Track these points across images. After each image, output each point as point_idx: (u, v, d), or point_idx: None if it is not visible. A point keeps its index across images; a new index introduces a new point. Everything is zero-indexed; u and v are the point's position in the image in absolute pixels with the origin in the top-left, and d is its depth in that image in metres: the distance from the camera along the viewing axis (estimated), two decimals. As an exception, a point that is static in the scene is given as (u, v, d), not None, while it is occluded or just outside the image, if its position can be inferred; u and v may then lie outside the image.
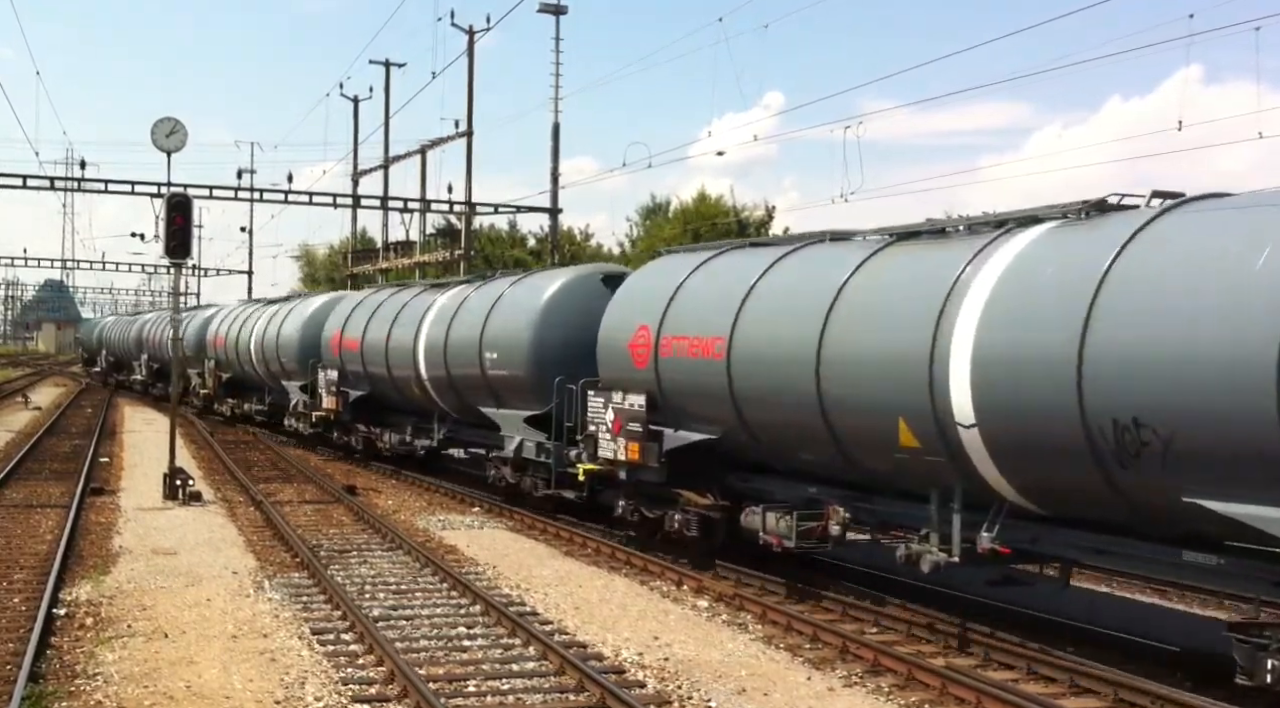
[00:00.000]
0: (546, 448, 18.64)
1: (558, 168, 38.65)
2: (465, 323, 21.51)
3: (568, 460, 17.92)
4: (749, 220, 54.54)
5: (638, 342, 15.83)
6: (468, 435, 23.43)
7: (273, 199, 40.69)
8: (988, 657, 11.40)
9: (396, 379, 24.70)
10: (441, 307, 23.13)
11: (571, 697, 10.03)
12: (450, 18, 39.22)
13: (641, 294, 16.47)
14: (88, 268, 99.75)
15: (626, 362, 16.09)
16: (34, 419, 39.44)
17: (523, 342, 19.15)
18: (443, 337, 22.14)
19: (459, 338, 21.58)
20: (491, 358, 20.08)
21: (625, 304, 16.79)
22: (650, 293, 16.14)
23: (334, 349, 27.99)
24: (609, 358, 16.66)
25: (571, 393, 17.72)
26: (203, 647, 11.37)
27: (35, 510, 19.80)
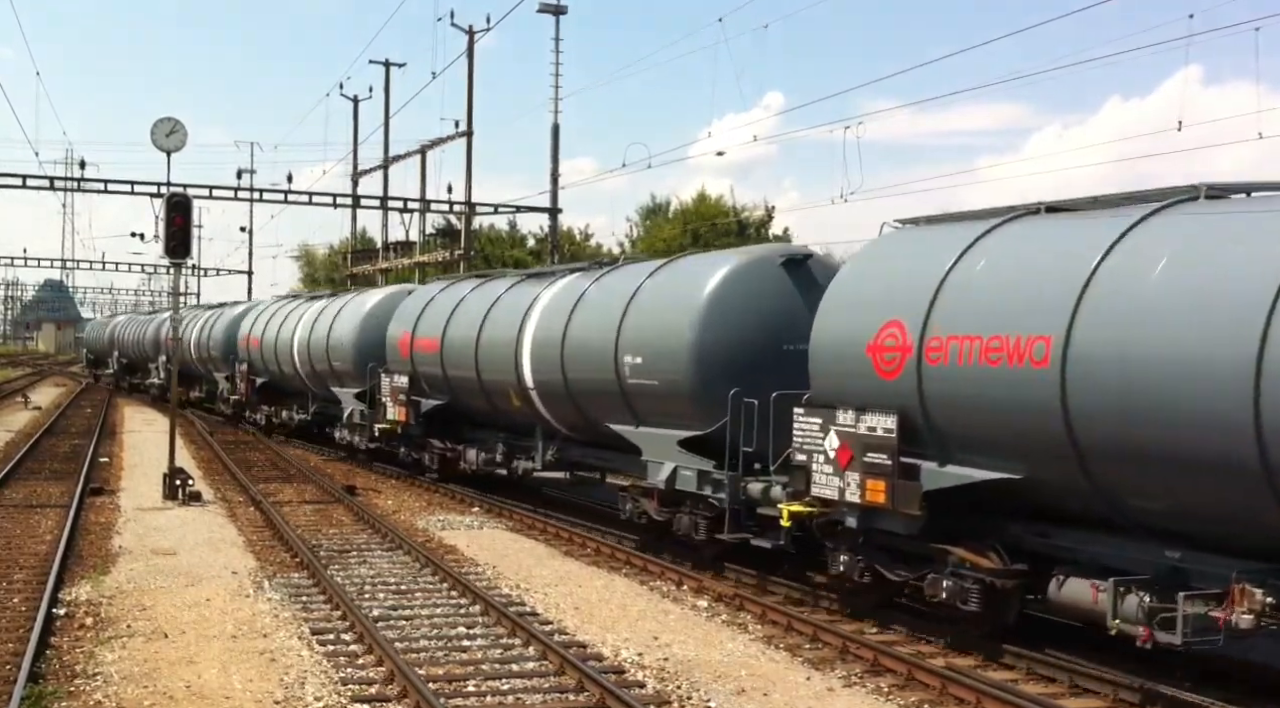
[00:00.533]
0: (715, 480, 14.57)
1: (558, 168, 38.71)
2: (590, 320, 17.31)
3: (748, 496, 14.16)
4: (749, 220, 54.58)
5: (883, 343, 11.70)
6: (581, 456, 19.18)
7: (272, 199, 40.78)
8: (987, 657, 11.40)
9: (488, 387, 20.69)
10: (552, 300, 18.98)
11: (571, 697, 10.03)
12: (450, 18, 39.30)
13: (880, 281, 12.41)
14: (87, 268, 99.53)
15: (864, 369, 11.91)
16: (34, 419, 39.43)
17: (681, 345, 14.97)
18: (557, 337, 17.89)
19: (582, 339, 17.34)
20: (633, 363, 15.87)
21: (854, 294, 12.60)
22: (897, 278, 12.13)
23: (402, 351, 23.95)
24: (831, 365, 12.54)
25: (749, 410, 14.00)
26: (202, 647, 11.38)
27: (35, 510, 19.80)
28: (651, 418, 16.01)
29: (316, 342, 28.75)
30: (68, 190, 50.46)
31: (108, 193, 37.88)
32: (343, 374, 27.13)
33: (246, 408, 32.30)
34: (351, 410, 26.21)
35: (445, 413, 23.07)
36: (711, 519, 14.82)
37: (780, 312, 14.73)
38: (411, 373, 23.54)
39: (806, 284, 14.94)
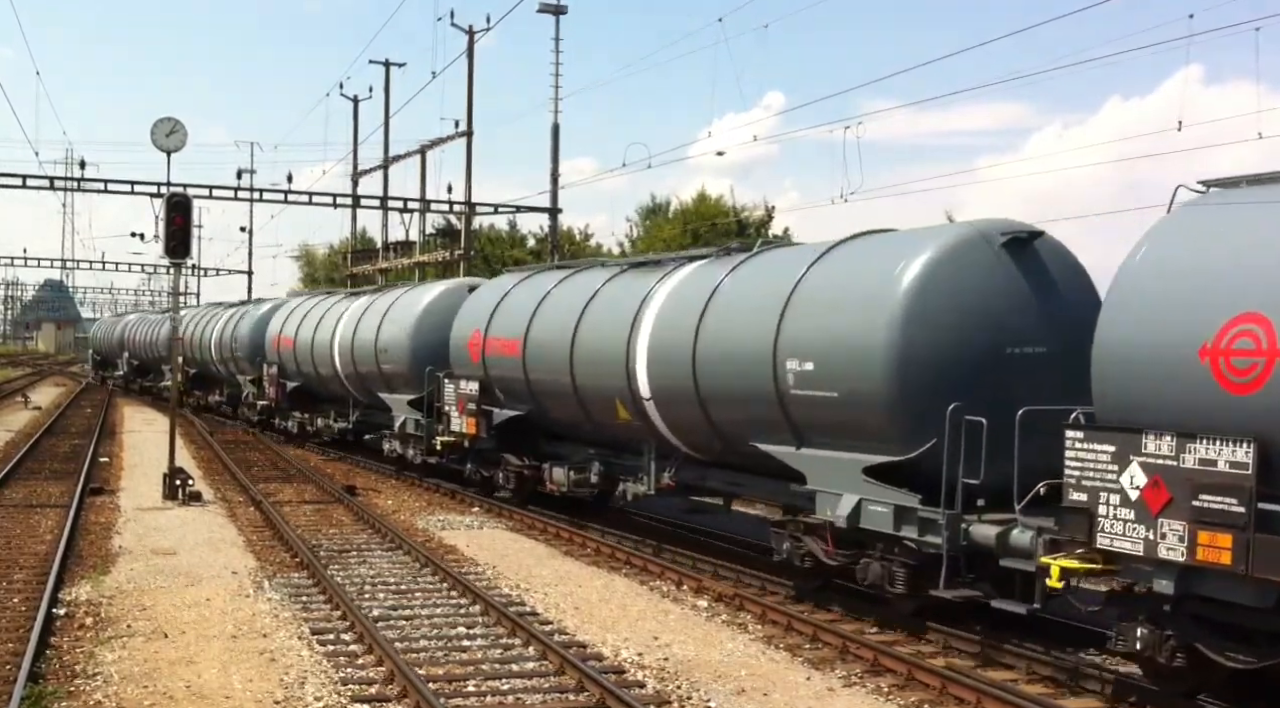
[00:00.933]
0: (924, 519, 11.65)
1: (557, 168, 38.68)
2: (734, 317, 14.36)
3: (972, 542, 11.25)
4: (749, 221, 54.57)
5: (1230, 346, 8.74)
6: (700, 478, 16.32)
7: (272, 199, 40.74)
8: (988, 657, 11.40)
9: (586, 395, 17.35)
10: (675, 293, 15.91)
11: (571, 697, 10.03)
12: (450, 18, 39.24)
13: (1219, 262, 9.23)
14: (87, 268, 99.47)
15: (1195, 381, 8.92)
16: (34, 419, 39.44)
17: (873, 347, 11.97)
18: (687, 337, 14.84)
19: (724, 337, 14.33)
20: (799, 371, 12.86)
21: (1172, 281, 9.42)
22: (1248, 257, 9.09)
23: (472, 354, 20.64)
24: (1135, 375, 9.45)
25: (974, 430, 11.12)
26: (202, 647, 11.38)
27: (35, 510, 19.80)
28: (821, 438, 13.06)
29: (362, 343, 26.09)
30: (68, 190, 50.43)
31: (108, 193, 37.86)
32: (393, 379, 24.62)
33: (276, 414, 31.02)
34: (404, 420, 23.88)
35: (523, 425, 19.86)
36: (913, 568, 11.97)
37: (1002, 306, 11.98)
38: (483, 379, 20.19)
39: (1034, 270, 12.22)
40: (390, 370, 24.78)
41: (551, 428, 19.75)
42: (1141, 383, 9.32)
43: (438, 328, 23.10)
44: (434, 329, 23.33)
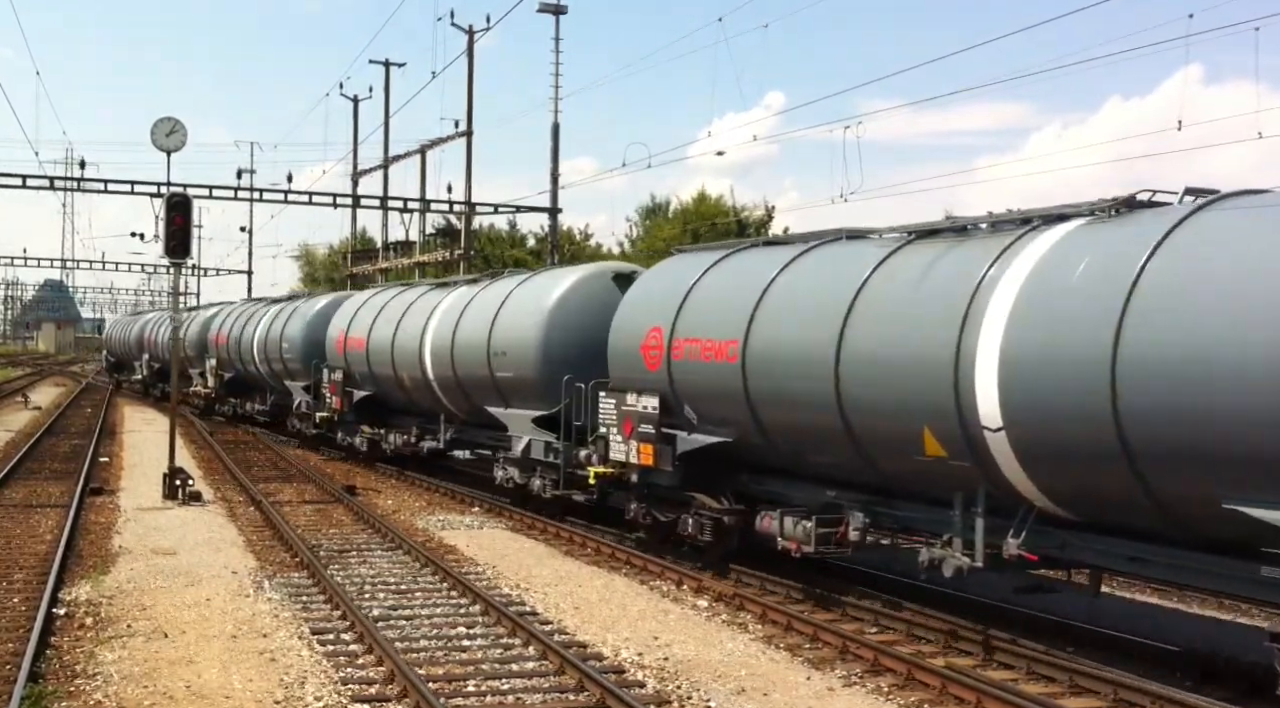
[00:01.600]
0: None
1: (557, 168, 38.67)
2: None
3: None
4: (749, 220, 54.55)
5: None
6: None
7: (272, 199, 40.73)
8: (988, 657, 11.40)
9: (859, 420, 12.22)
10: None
11: (571, 697, 10.03)
12: (450, 18, 39.25)
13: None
14: (87, 268, 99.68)
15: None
16: (34, 419, 39.43)
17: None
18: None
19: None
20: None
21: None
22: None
23: (646, 359, 15.83)
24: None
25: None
26: (202, 647, 11.38)
27: (35, 510, 19.80)
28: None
29: (469, 344, 20.88)
30: (68, 190, 50.36)
31: (108, 193, 37.85)
32: (510, 389, 19.68)
33: (338, 428, 27.90)
34: (528, 444, 19.00)
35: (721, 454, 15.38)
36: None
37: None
38: (666, 391, 16.02)
39: None
40: (509, 379, 19.77)
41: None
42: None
43: (576, 326, 18.81)
44: (572, 327, 18.84)
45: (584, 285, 18.94)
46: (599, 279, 19.06)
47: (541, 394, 18.53)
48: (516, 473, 19.73)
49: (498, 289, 21.19)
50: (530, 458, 18.94)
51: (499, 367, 19.63)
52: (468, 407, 21.76)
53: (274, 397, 35.02)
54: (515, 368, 19.15)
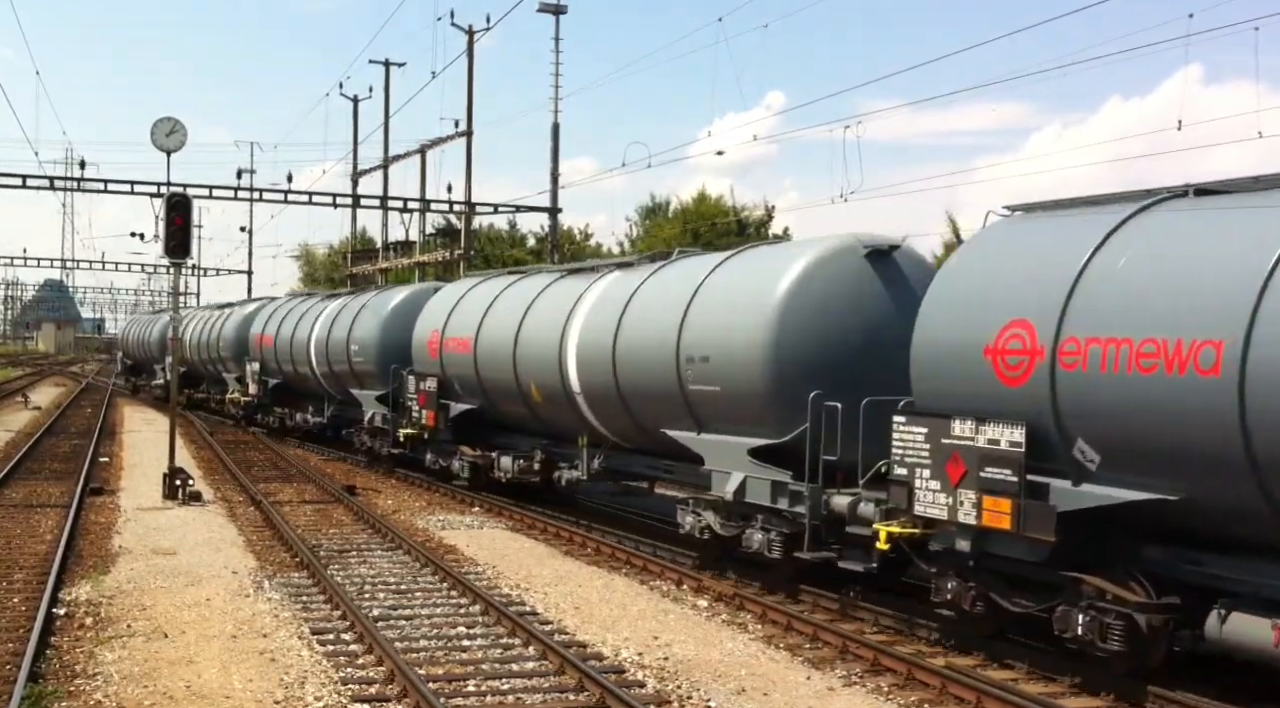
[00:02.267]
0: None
1: (557, 168, 38.70)
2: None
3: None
4: (748, 220, 54.58)
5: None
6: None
7: (272, 199, 40.79)
8: (988, 656, 11.40)
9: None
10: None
11: (571, 697, 10.03)
12: (450, 18, 39.28)
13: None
14: (87, 268, 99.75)
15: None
16: (34, 419, 39.43)
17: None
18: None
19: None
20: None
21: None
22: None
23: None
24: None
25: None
26: (202, 647, 11.38)
27: (35, 510, 19.80)
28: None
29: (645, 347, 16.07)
30: (68, 190, 50.38)
31: (108, 193, 37.92)
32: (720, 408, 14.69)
33: (429, 447, 23.33)
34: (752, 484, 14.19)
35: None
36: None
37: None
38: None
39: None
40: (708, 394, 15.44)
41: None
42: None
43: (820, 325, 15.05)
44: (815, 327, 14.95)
45: (825, 266, 14.03)
46: (847, 257, 14.08)
47: (765, 417, 13.98)
48: (717, 521, 14.81)
49: (678, 274, 16.47)
50: (746, 503, 14.23)
51: (695, 378, 14.88)
52: (630, 428, 17.11)
53: (333, 407, 29.83)
54: (725, 380, 14.41)
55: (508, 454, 20.81)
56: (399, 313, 25.46)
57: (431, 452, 23.48)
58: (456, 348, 21.80)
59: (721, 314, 14.59)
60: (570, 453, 18.97)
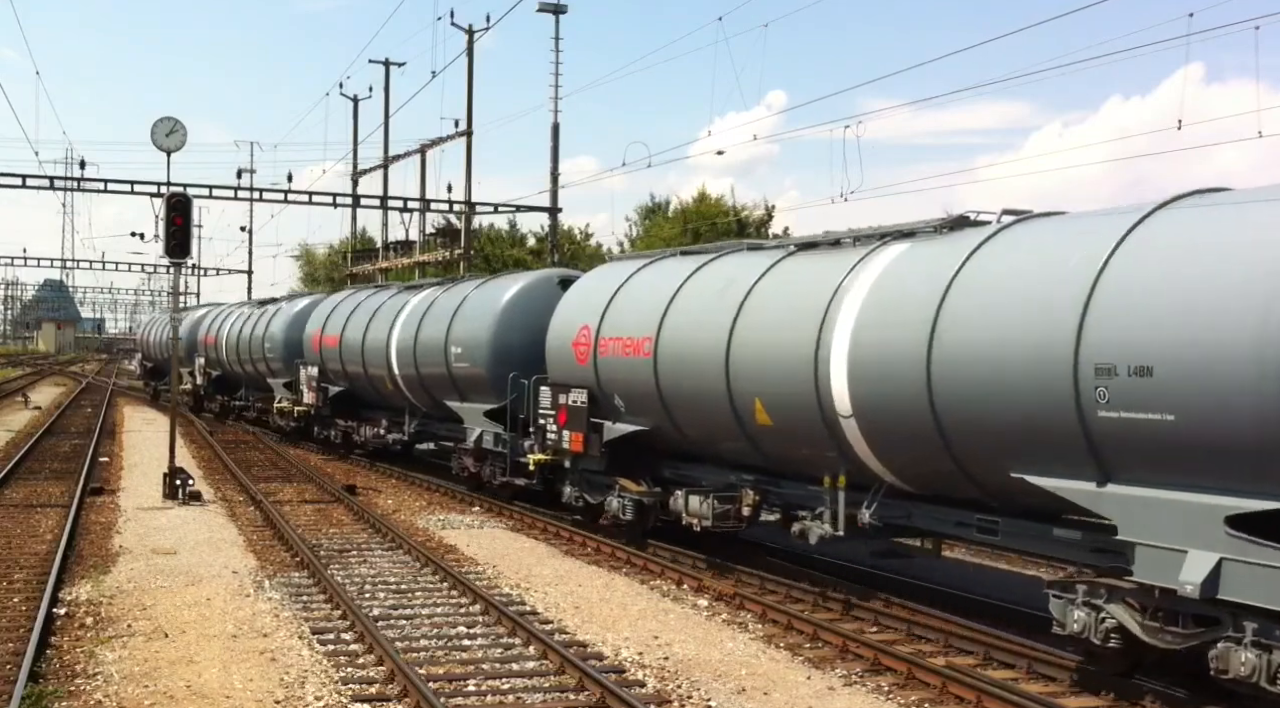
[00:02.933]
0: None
1: (557, 167, 38.68)
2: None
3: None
4: (749, 220, 54.54)
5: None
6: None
7: (272, 199, 40.77)
8: (988, 656, 11.40)
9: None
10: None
11: (571, 696, 10.03)
12: (450, 17, 39.35)
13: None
14: (87, 268, 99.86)
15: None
16: (34, 419, 39.43)
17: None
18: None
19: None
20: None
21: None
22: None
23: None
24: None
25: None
26: (203, 646, 11.38)
27: (35, 510, 19.80)
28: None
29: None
30: (68, 190, 50.35)
31: (108, 193, 37.90)
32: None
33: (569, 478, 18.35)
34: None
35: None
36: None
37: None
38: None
39: None
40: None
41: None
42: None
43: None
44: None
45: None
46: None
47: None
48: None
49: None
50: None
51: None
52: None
53: (416, 421, 26.22)
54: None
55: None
56: (518, 306, 20.73)
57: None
58: (622, 351, 16.66)
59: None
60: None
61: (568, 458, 17.82)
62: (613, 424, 16.73)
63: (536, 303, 20.05)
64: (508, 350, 20.28)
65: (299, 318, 32.43)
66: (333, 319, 28.65)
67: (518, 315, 20.43)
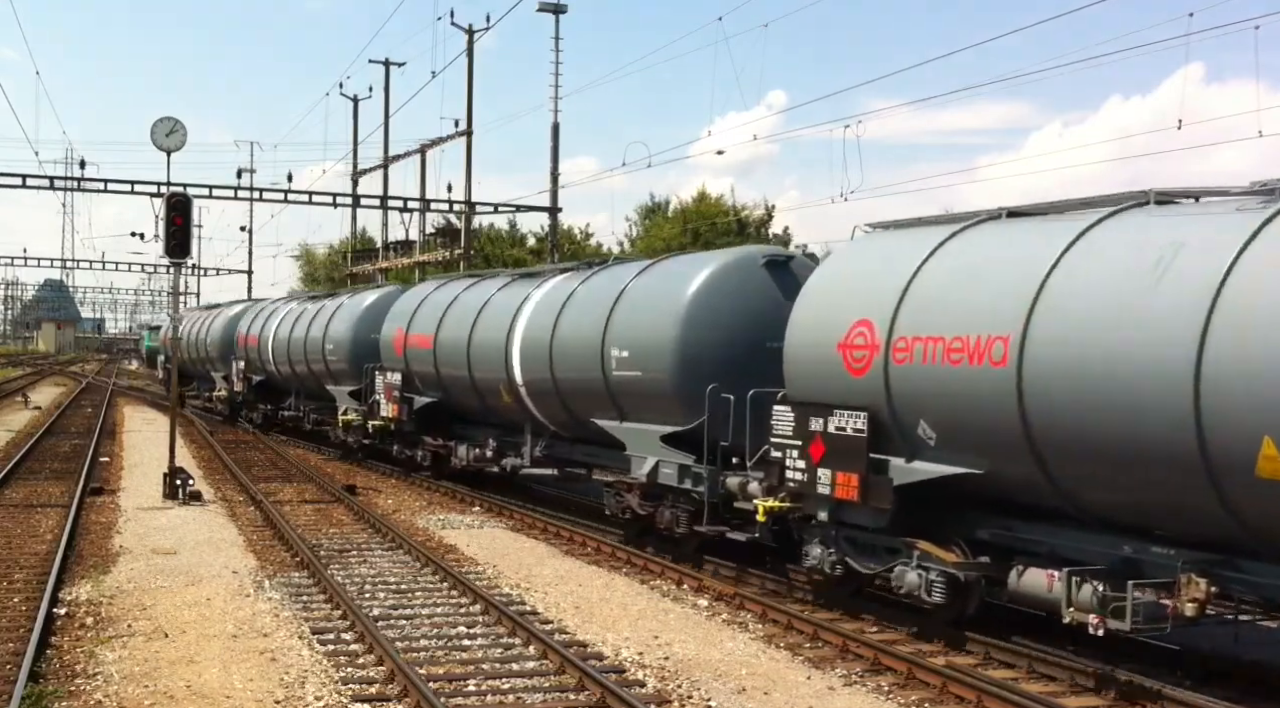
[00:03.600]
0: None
1: (557, 167, 38.70)
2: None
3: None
4: (749, 220, 54.58)
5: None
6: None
7: (272, 199, 40.82)
8: (988, 656, 11.40)
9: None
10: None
11: (571, 696, 10.02)
12: (450, 17, 39.43)
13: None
14: (87, 268, 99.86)
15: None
16: (34, 419, 39.42)
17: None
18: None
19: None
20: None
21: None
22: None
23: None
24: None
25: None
26: (203, 646, 11.37)
27: (35, 510, 19.80)
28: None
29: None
30: (68, 190, 50.34)
31: (108, 193, 37.93)
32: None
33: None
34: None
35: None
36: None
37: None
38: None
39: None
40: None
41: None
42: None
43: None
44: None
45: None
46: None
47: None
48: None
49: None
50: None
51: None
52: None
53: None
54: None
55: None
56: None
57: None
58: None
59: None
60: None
61: (824, 507, 12.70)
62: (908, 463, 11.76)
63: (736, 291, 15.25)
64: (699, 356, 14.95)
65: (371, 314, 27.23)
66: (422, 315, 23.45)
67: (707, 309, 15.14)
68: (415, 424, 23.80)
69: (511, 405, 19.96)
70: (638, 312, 16.15)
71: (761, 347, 14.51)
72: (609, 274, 18.07)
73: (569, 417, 18.30)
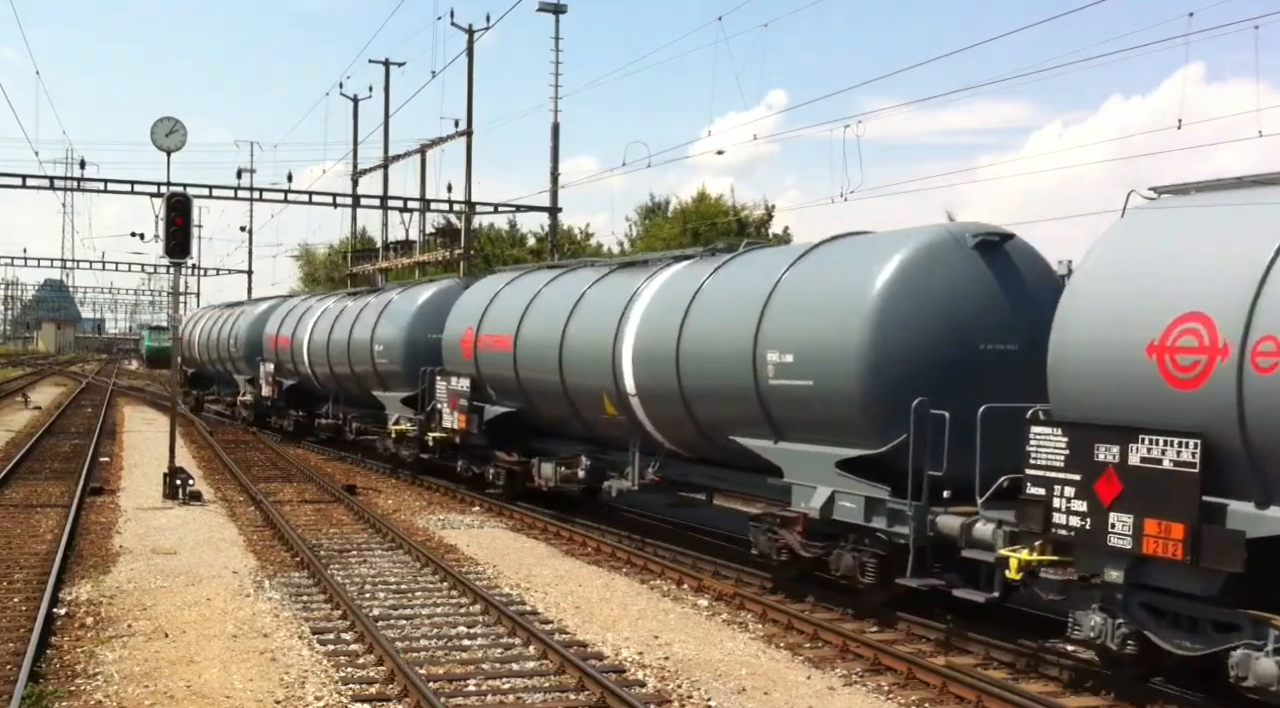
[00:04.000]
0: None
1: (557, 167, 38.65)
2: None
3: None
4: (748, 220, 54.54)
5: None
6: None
7: (272, 199, 40.76)
8: (988, 656, 11.40)
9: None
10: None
11: (571, 696, 10.02)
12: (450, 17, 39.32)
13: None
14: (87, 268, 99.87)
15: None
16: (34, 419, 39.42)
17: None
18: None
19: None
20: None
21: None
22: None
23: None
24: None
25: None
26: (203, 646, 11.38)
27: (35, 510, 19.80)
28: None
29: None
30: (68, 190, 50.28)
31: (108, 193, 37.87)
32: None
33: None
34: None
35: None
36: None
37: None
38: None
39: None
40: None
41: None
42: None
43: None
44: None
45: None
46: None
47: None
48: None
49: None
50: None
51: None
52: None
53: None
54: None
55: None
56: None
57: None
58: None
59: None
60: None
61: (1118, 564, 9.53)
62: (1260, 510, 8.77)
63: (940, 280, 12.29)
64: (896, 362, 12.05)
65: (427, 312, 24.52)
66: (496, 312, 20.60)
67: (906, 303, 12.19)
68: (487, 437, 20.75)
69: (615, 418, 16.99)
70: (804, 307, 13.19)
71: (974, 349, 12.04)
72: (750, 262, 15.20)
73: (696, 433, 15.33)
